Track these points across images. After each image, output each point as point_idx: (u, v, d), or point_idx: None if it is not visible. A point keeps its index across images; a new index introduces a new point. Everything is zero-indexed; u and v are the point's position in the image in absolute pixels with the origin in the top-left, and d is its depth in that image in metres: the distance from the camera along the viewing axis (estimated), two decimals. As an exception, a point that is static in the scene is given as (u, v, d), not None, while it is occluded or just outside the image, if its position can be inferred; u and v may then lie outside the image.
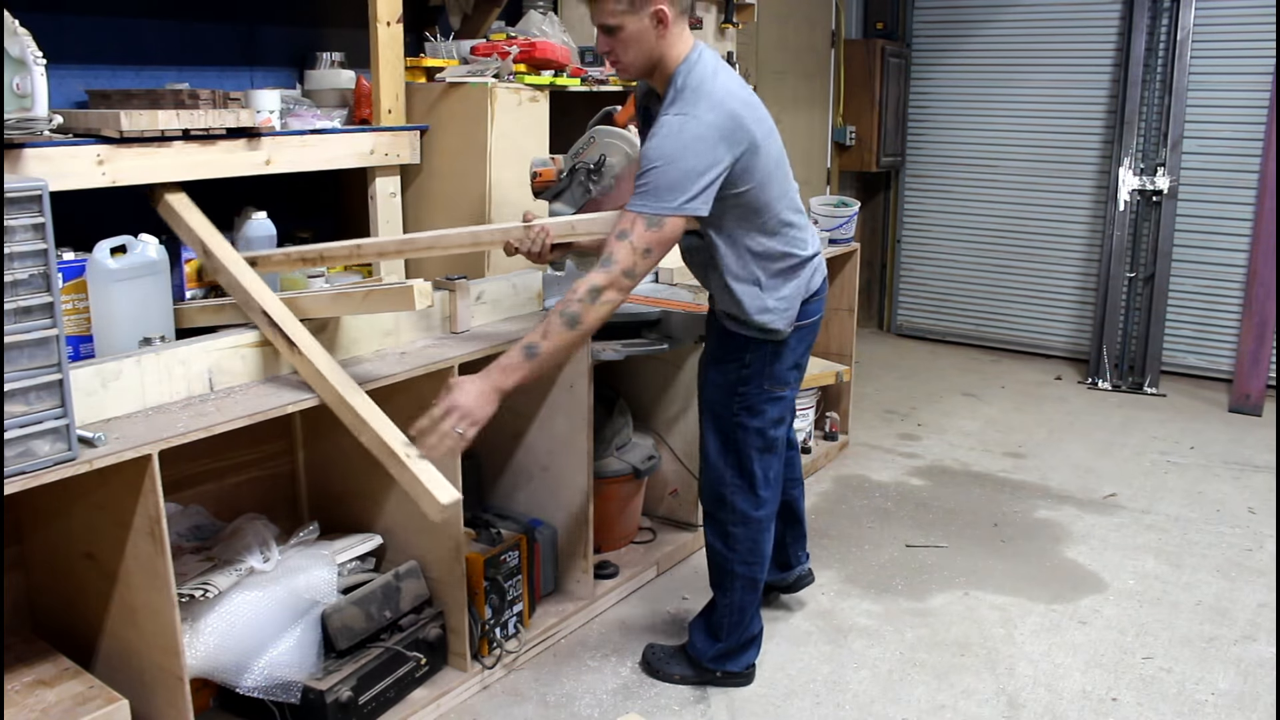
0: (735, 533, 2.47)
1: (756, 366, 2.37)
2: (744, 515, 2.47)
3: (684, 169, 2.05)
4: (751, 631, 2.57)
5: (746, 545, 2.48)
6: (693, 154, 2.06)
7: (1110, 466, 4.15)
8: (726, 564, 2.51)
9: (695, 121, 2.07)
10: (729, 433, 2.42)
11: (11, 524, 2.12)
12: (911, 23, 6.02)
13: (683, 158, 2.05)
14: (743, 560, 2.49)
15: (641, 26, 2.12)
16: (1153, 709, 2.52)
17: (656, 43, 2.15)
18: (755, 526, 2.48)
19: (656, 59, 2.18)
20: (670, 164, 2.05)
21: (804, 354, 2.46)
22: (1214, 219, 5.26)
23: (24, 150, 1.99)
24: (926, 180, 6.17)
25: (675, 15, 2.14)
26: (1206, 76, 5.14)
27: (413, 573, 2.47)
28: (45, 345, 1.68)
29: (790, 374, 2.42)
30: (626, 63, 2.19)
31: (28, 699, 1.88)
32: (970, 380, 5.39)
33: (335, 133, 2.61)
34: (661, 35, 2.14)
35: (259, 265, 2.36)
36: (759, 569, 2.51)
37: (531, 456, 2.90)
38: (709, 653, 2.56)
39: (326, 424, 2.58)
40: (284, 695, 2.16)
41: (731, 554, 2.49)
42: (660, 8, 2.11)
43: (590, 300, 2.04)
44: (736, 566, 2.49)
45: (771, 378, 2.38)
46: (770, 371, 2.38)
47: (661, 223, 2.06)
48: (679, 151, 2.05)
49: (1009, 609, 3.00)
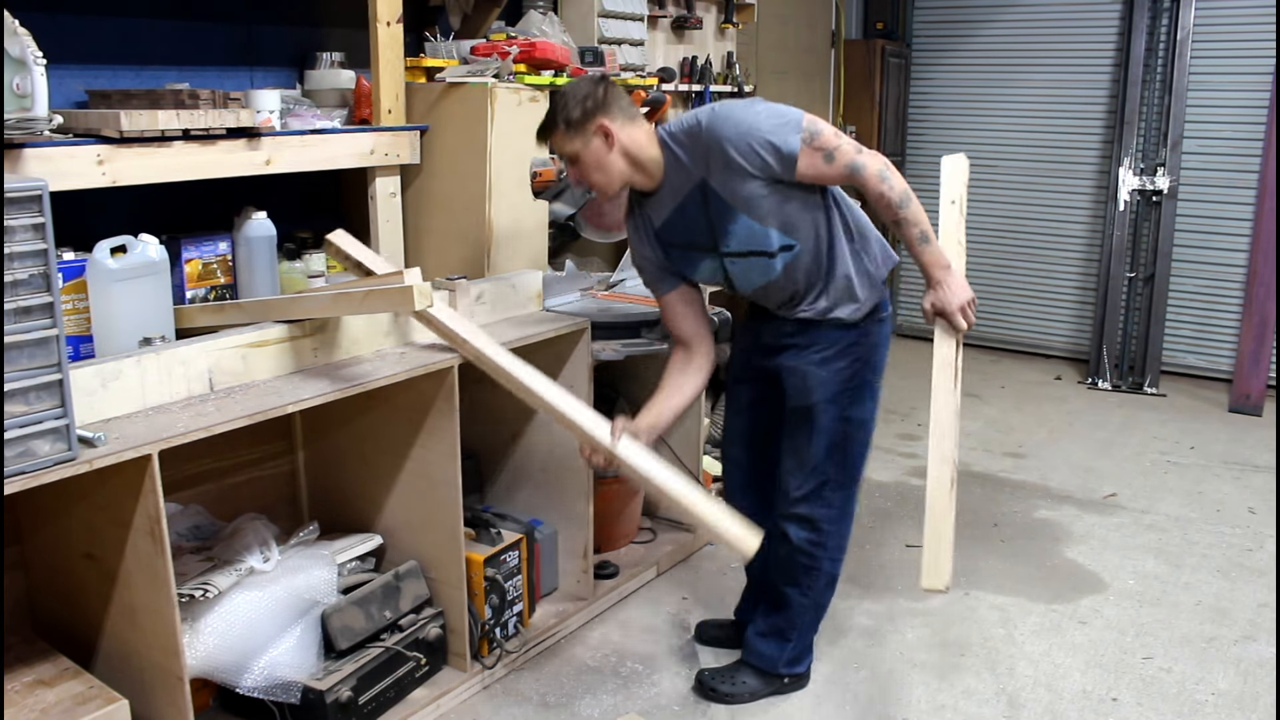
0: (829, 530, 2.43)
1: (865, 357, 2.36)
2: (841, 512, 2.44)
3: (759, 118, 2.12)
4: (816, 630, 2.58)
5: (836, 541, 2.46)
6: (743, 113, 2.14)
7: (1110, 466, 4.15)
8: (814, 562, 2.45)
9: (719, 119, 2.13)
10: (841, 431, 2.36)
11: (11, 524, 2.12)
12: (911, 23, 6.02)
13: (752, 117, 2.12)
14: (830, 557, 2.46)
15: (594, 147, 2.17)
16: (1153, 709, 2.52)
17: (618, 155, 2.18)
18: (849, 522, 2.48)
19: (626, 167, 2.21)
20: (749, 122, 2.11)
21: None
22: (1214, 219, 5.26)
23: (24, 150, 1.99)
24: (926, 180, 6.15)
25: (623, 123, 2.17)
26: (1206, 76, 5.14)
27: (413, 573, 2.47)
28: (45, 345, 1.68)
29: (885, 360, 2.42)
30: (600, 184, 2.23)
31: (28, 699, 1.88)
32: (970, 380, 5.38)
33: (335, 133, 2.61)
34: (614, 146, 2.17)
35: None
36: (841, 565, 2.50)
37: (531, 456, 2.90)
38: (781, 658, 2.52)
39: (326, 424, 2.59)
40: (284, 695, 2.16)
41: (821, 552, 2.44)
42: (601, 124, 2.15)
43: (887, 178, 2.13)
44: (824, 564, 2.46)
45: (873, 368, 2.38)
46: (874, 361, 2.38)
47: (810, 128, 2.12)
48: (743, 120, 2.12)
49: (1009, 609, 3.00)
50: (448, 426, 2.36)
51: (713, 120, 2.14)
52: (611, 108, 2.17)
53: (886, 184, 2.13)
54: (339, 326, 2.34)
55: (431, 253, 2.91)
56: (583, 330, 2.74)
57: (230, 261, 2.53)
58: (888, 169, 2.14)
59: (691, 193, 2.20)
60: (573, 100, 2.17)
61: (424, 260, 2.88)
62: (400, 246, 2.88)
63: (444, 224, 2.90)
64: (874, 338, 2.36)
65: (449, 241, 2.88)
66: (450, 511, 2.42)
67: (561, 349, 2.77)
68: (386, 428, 2.47)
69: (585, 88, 2.19)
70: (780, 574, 2.49)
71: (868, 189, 2.14)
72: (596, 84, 2.19)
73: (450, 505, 2.41)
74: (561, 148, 2.21)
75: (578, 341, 2.75)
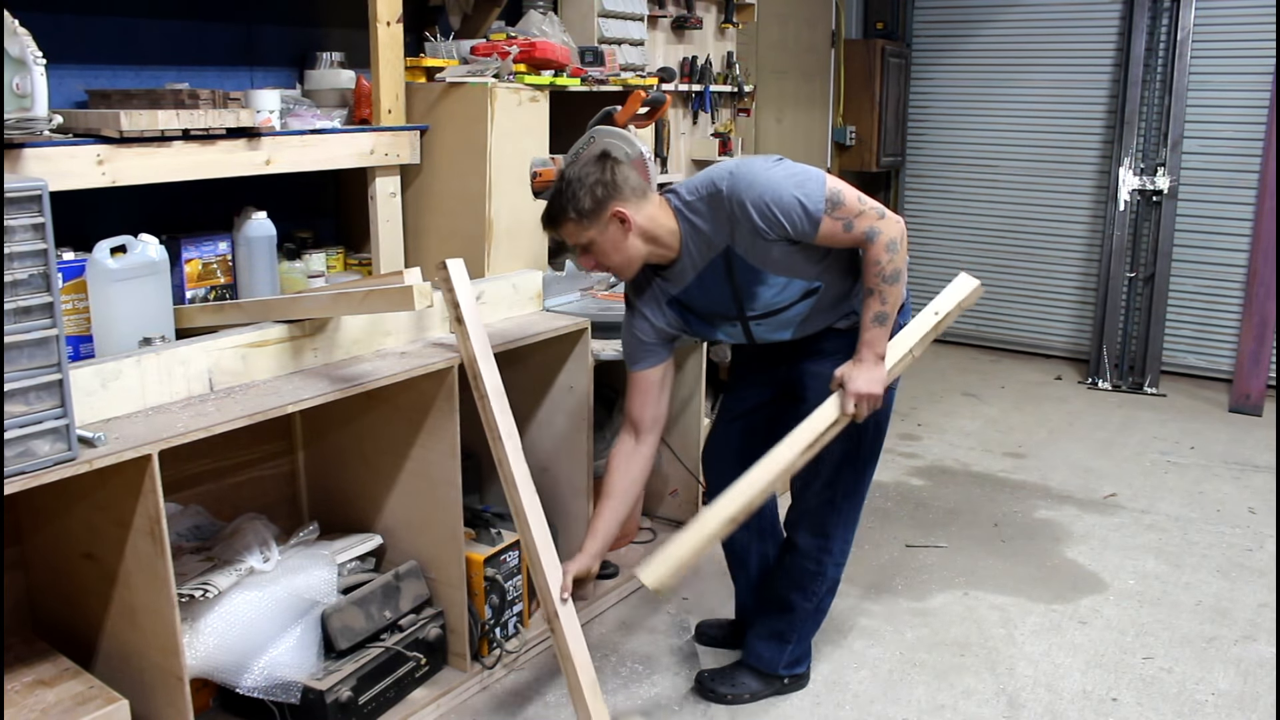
0: (837, 535, 2.44)
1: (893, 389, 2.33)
2: (850, 519, 2.45)
3: (779, 181, 2.07)
4: None
5: (842, 547, 2.46)
6: (763, 178, 2.07)
7: (1110, 466, 4.15)
8: (820, 568, 2.45)
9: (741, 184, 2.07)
10: (858, 438, 2.34)
11: (11, 524, 2.12)
12: (911, 23, 6.02)
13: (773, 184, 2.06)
14: (836, 563, 2.47)
15: (608, 234, 2.11)
16: (1153, 709, 2.52)
17: (633, 238, 2.12)
18: (854, 529, 2.48)
19: (644, 247, 2.15)
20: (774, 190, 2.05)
21: None
22: (1214, 219, 5.26)
23: (24, 150, 1.99)
24: (926, 180, 6.17)
25: (636, 203, 2.11)
26: (1206, 76, 5.14)
27: (413, 573, 2.47)
28: (45, 345, 1.68)
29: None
30: (616, 267, 2.18)
31: (28, 699, 1.88)
32: (970, 380, 5.39)
33: (335, 133, 2.61)
34: (630, 230, 2.11)
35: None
36: (843, 570, 2.51)
37: (531, 456, 2.89)
38: (781, 660, 2.53)
39: (326, 424, 2.59)
40: (284, 695, 2.16)
41: (828, 558, 2.45)
42: (617, 210, 2.09)
43: (891, 255, 2.10)
44: (830, 569, 2.46)
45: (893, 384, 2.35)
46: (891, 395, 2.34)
47: (833, 194, 2.07)
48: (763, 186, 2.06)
49: (1009, 609, 2.99)
50: (448, 426, 2.36)
51: (734, 185, 2.07)
52: (623, 189, 2.10)
53: (888, 255, 2.10)
54: (339, 326, 2.34)
55: (431, 253, 2.90)
56: (583, 330, 2.74)
57: (230, 261, 2.53)
58: (898, 243, 2.11)
59: (714, 261, 2.16)
60: (581, 189, 2.09)
61: (424, 260, 2.88)
62: (400, 246, 2.88)
63: (444, 224, 2.90)
64: None
65: (449, 241, 2.88)
66: (450, 511, 2.42)
67: (561, 349, 2.77)
68: (386, 428, 2.47)
69: (592, 173, 2.10)
70: (785, 580, 2.50)
71: (869, 252, 2.11)
72: (602, 167, 2.12)
73: (450, 505, 2.41)
74: (575, 238, 2.14)
75: (578, 341, 2.75)
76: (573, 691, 2.19)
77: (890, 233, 2.10)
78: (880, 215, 2.10)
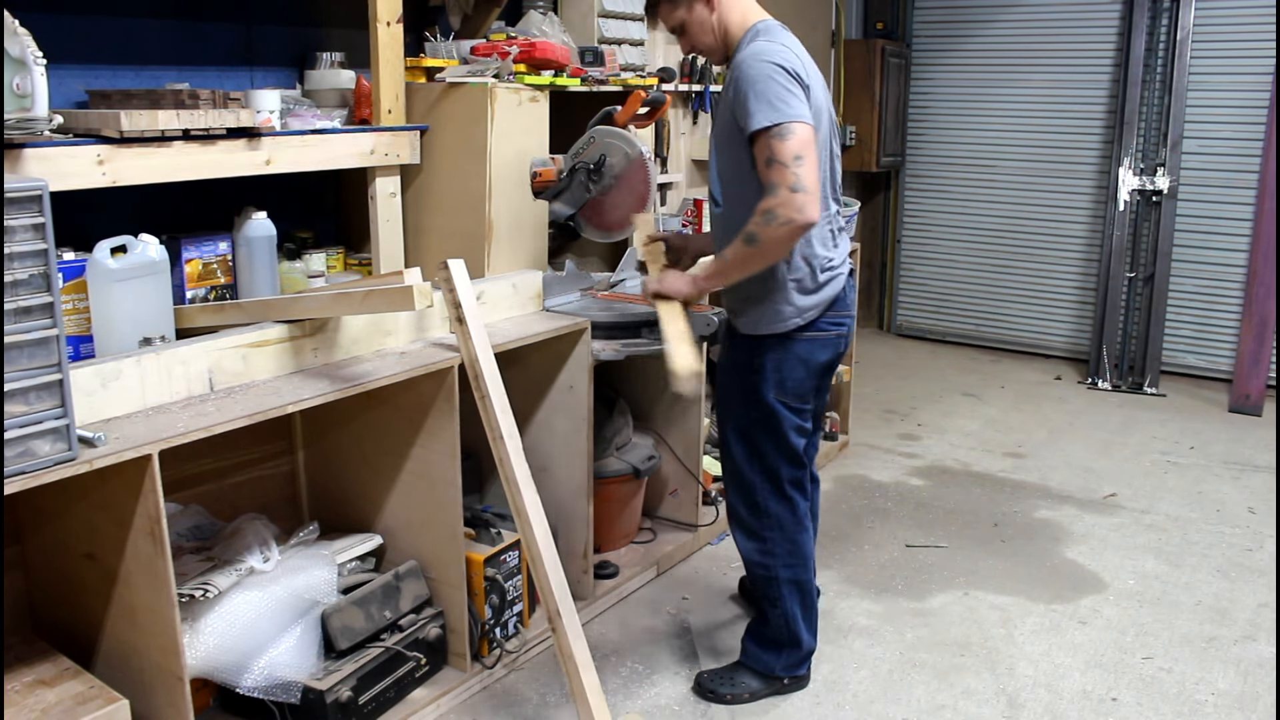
0: (772, 538, 2.44)
1: (766, 370, 2.32)
2: (777, 519, 2.43)
3: (774, 86, 2.12)
4: (812, 642, 2.55)
5: (786, 548, 2.44)
6: (772, 74, 2.13)
7: (1110, 466, 4.15)
8: (770, 572, 2.46)
9: (762, 59, 2.16)
10: (753, 439, 2.38)
11: (11, 524, 2.12)
12: (911, 23, 6.02)
13: (766, 79, 2.13)
14: (786, 564, 2.45)
15: (697, 15, 2.32)
16: (1153, 709, 2.52)
17: (718, 22, 2.32)
18: (790, 528, 2.44)
19: (722, 35, 2.33)
20: (759, 85, 2.12)
21: (821, 370, 2.38)
22: (1214, 219, 5.27)
23: (24, 150, 1.99)
24: (926, 180, 6.17)
25: None
26: (1206, 76, 5.14)
27: (413, 573, 2.47)
28: (45, 345, 1.68)
29: (804, 385, 2.35)
30: (707, 48, 2.37)
31: (28, 699, 1.88)
32: (970, 380, 5.39)
33: (335, 133, 2.61)
34: (714, 10, 2.31)
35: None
36: (803, 570, 2.47)
37: (531, 456, 2.89)
38: (778, 664, 2.53)
39: (326, 424, 2.59)
40: (284, 695, 2.16)
41: (773, 560, 2.45)
42: None
43: (764, 221, 2.11)
44: (780, 572, 2.45)
45: (780, 386, 2.32)
46: (779, 379, 2.32)
47: (788, 129, 2.09)
48: (759, 77, 2.13)
49: (1009, 609, 3.00)
50: (448, 426, 2.36)
51: (749, 49, 2.21)
52: None
53: (764, 219, 2.09)
54: (339, 326, 2.34)
55: (431, 253, 2.90)
56: (583, 330, 2.74)
57: (230, 261, 2.53)
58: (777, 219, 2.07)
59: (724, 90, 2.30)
60: None
61: (424, 260, 2.88)
62: (400, 246, 2.88)
63: (444, 224, 2.90)
64: (780, 353, 2.32)
65: (449, 241, 2.88)
66: (450, 511, 2.42)
67: (561, 349, 2.77)
68: (386, 428, 2.47)
69: None
70: (754, 588, 2.56)
71: (760, 202, 2.11)
72: None
73: (450, 505, 2.41)
74: (669, 21, 2.36)
75: (578, 341, 2.75)
76: (573, 691, 2.19)
77: (780, 209, 2.07)
78: (793, 190, 2.06)
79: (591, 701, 2.15)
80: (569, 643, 2.18)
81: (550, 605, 2.21)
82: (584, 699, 2.15)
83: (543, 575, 2.23)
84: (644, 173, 2.84)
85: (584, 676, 2.16)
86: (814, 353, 2.33)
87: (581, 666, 2.17)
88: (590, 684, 2.17)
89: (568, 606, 2.21)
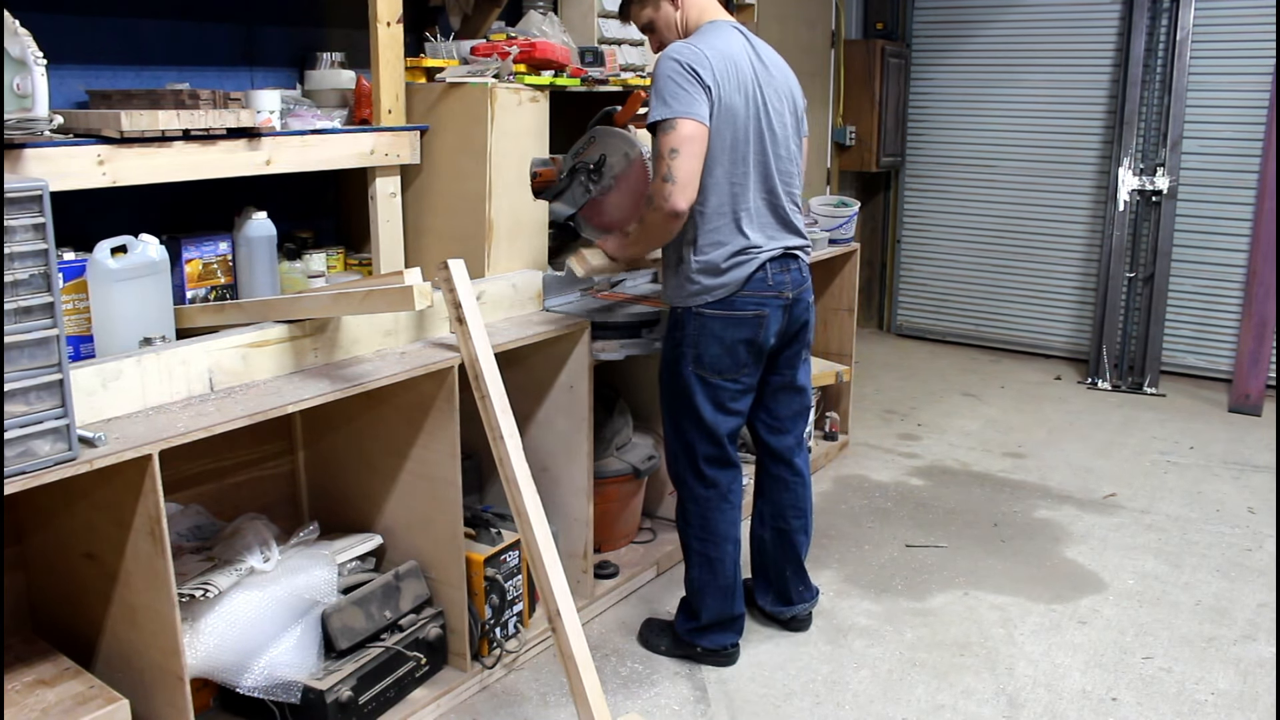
0: (689, 509, 2.60)
1: (685, 343, 2.47)
2: (691, 491, 2.59)
3: (670, 84, 2.29)
4: (729, 612, 2.64)
5: (698, 521, 2.59)
6: (672, 72, 2.29)
7: (1110, 466, 4.15)
8: (684, 538, 2.65)
9: (669, 57, 2.32)
10: (674, 412, 2.55)
11: (11, 524, 2.12)
12: (911, 23, 6.02)
13: (666, 78, 2.30)
14: (696, 536, 2.60)
15: (663, 14, 2.48)
16: (1153, 709, 2.52)
17: (681, 20, 2.48)
18: (704, 504, 2.58)
19: (684, 33, 2.47)
20: (659, 83, 2.30)
21: (740, 346, 2.46)
22: (1214, 219, 5.27)
23: (24, 150, 1.99)
24: (926, 180, 6.17)
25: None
26: (1206, 76, 5.14)
27: (413, 573, 2.47)
28: (45, 345, 1.68)
29: (720, 360, 2.46)
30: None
31: (28, 699, 1.88)
32: (970, 380, 5.39)
33: (335, 133, 2.61)
34: (679, 9, 2.47)
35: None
36: (713, 548, 2.59)
37: (531, 457, 2.89)
38: (684, 628, 2.67)
39: (326, 424, 2.59)
40: (284, 695, 2.16)
41: (688, 528, 2.62)
42: None
43: (645, 206, 2.36)
44: (692, 542, 2.61)
45: (698, 360, 2.46)
46: (696, 354, 2.46)
47: (671, 124, 2.27)
48: (662, 74, 2.30)
49: (1009, 609, 3.00)
50: (448, 426, 2.36)
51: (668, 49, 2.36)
52: None
53: (648, 200, 2.33)
54: (339, 326, 2.34)
55: (431, 253, 2.90)
56: (583, 330, 2.74)
57: (230, 261, 2.53)
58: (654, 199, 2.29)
59: None
60: None
61: (424, 260, 2.88)
62: (400, 246, 2.88)
63: (444, 224, 2.90)
64: (696, 326, 2.45)
65: (449, 242, 2.88)
66: (450, 511, 2.42)
67: (561, 349, 2.77)
68: (386, 428, 2.47)
69: None
70: None
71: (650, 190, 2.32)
72: None
73: (450, 505, 2.41)
74: (639, 20, 2.54)
75: (578, 341, 2.75)
76: (573, 691, 2.19)
77: (655, 196, 2.29)
78: (665, 180, 2.26)
79: (591, 701, 2.15)
80: (569, 643, 2.18)
81: (550, 605, 2.21)
82: (584, 699, 2.15)
83: (543, 575, 2.23)
84: (644, 173, 2.84)
85: (584, 676, 2.17)
86: (728, 330, 2.45)
87: (581, 666, 2.17)
88: (590, 684, 2.17)
89: (568, 606, 2.21)
